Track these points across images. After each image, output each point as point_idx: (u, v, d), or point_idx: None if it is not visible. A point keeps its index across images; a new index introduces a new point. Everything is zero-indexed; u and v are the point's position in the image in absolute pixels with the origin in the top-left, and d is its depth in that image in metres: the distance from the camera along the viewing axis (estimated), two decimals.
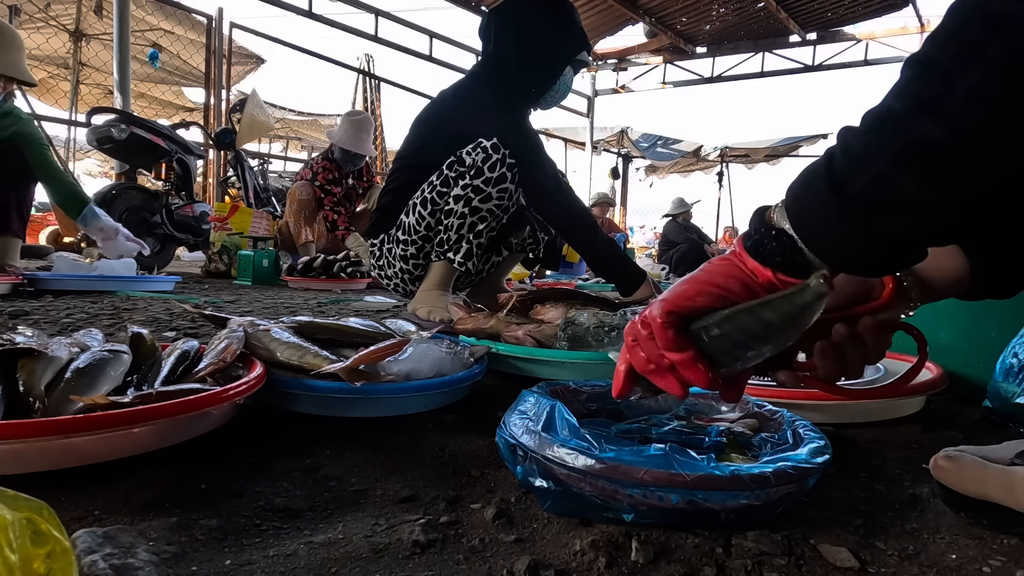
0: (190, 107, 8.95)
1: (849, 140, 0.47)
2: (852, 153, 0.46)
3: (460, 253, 1.65)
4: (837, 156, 0.47)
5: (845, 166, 0.46)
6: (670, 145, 10.84)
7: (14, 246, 2.59)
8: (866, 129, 0.46)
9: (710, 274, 0.54)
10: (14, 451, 0.60)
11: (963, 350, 1.09)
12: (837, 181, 0.46)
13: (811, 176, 0.49)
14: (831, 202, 0.46)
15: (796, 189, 0.50)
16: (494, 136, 1.60)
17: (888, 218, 0.45)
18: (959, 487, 0.62)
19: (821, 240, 0.49)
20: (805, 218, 0.49)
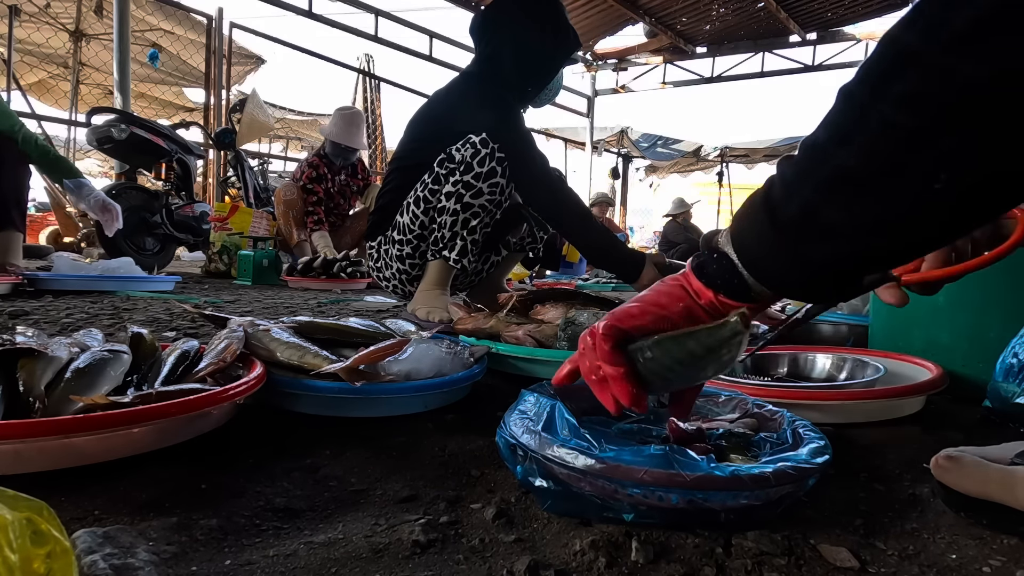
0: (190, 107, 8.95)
1: (784, 169, 0.49)
2: (785, 180, 0.48)
3: (455, 251, 1.65)
4: (775, 184, 0.49)
5: (779, 193, 0.48)
6: (670, 145, 10.84)
7: (16, 242, 2.56)
8: (799, 158, 0.47)
9: (656, 294, 0.57)
10: (14, 451, 0.60)
11: (963, 350, 1.09)
12: (772, 207, 0.48)
13: (751, 203, 0.51)
14: (766, 227, 0.49)
15: (739, 215, 0.53)
16: (483, 132, 1.60)
17: (814, 243, 0.47)
18: (960, 486, 0.62)
19: (758, 264, 0.51)
20: (744, 241, 0.52)
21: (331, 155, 3.87)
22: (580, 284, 3.88)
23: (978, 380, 1.06)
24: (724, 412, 0.84)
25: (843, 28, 7.64)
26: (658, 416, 0.87)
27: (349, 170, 4.00)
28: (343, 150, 3.85)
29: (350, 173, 4.01)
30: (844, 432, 0.89)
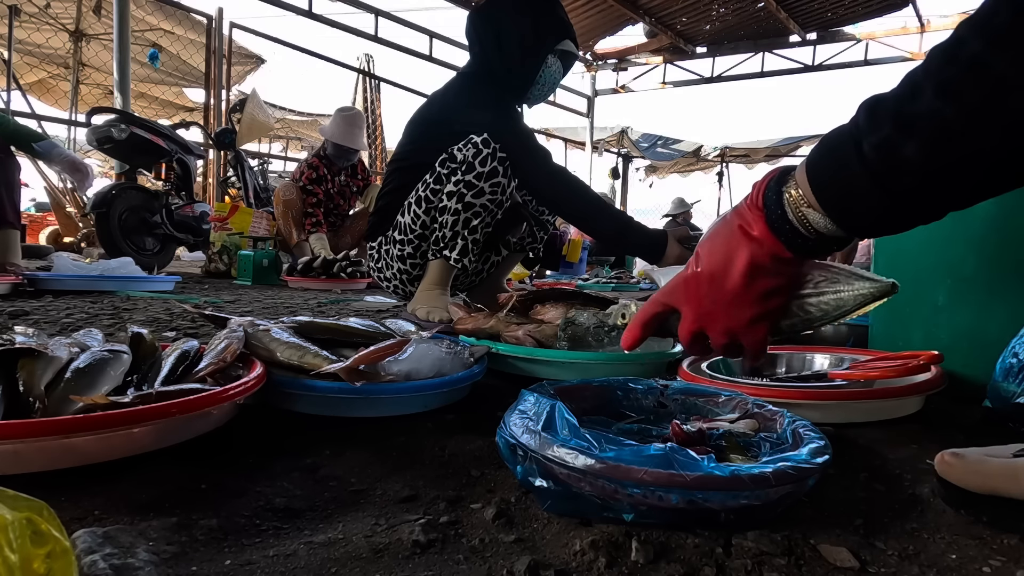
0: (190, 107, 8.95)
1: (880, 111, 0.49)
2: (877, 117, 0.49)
3: (456, 250, 1.65)
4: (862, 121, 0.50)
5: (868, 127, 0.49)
6: (670, 145, 10.84)
7: (14, 240, 2.55)
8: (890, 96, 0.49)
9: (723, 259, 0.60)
10: (14, 451, 0.60)
11: (963, 350, 1.09)
12: (858, 140, 0.49)
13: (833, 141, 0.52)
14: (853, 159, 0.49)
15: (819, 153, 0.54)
16: (484, 131, 1.60)
17: (900, 175, 0.48)
18: (963, 482, 0.62)
19: (844, 203, 0.52)
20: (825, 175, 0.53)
21: (332, 156, 3.87)
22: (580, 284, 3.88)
23: (978, 380, 1.06)
24: (724, 412, 0.84)
25: (843, 28, 7.64)
26: (658, 416, 0.87)
27: (349, 170, 4.00)
28: (344, 151, 3.85)
29: (350, 174, 4.01)
30: (844, 432, 0.89)
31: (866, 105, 0.50)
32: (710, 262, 0.60)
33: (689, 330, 0.63)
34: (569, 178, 1.69)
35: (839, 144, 0.51)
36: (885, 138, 0.47)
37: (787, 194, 0.55)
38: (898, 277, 1.24)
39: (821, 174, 0.53)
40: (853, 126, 0.50)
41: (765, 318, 0.60)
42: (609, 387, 0.89)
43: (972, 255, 1.07)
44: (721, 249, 0.59)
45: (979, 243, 1.06)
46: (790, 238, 0.56)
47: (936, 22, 7.19)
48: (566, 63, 1.85)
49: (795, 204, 0.54)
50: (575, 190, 1.66)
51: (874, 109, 0.49)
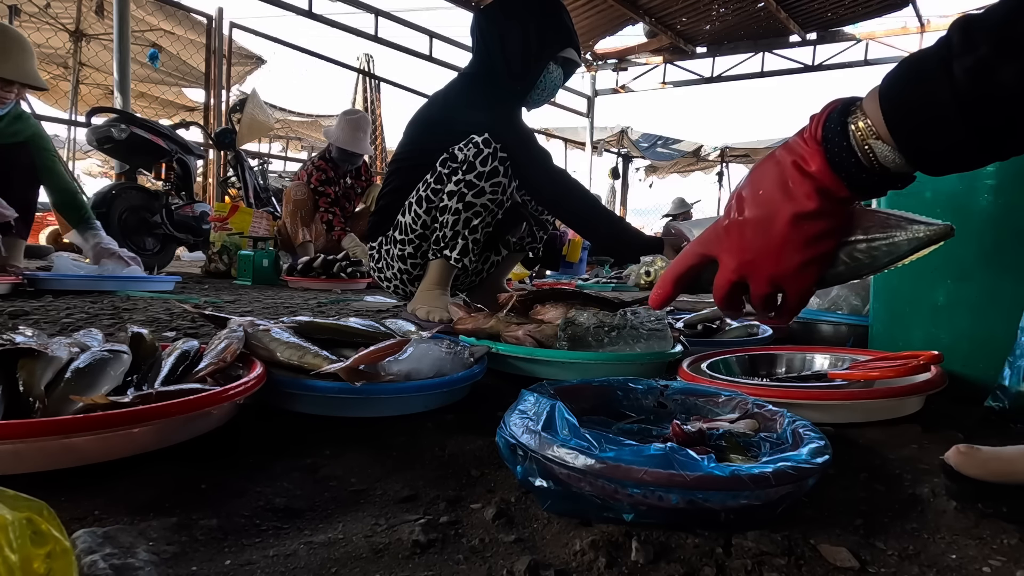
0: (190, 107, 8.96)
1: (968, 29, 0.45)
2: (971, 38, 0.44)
3: (456, 250, 1.65)
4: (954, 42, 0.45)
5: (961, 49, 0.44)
6: (670, 145, 10.84)
7: (18, 247, 2.59)
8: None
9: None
10: (14, 451, 0.60)
11: (963, 350, 1.09)
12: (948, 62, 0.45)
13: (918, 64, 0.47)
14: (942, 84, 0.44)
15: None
16: (485, 131, 1.60)
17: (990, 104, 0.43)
18: (981, 472, 0.61)
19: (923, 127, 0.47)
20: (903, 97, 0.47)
21: (337, 160, 3.86)
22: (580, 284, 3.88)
23: (978, 380, 1.06)
24: (724, 412, 0.84)
25: (843, 28, 7.64)
26: (658, 416, 0.87)
27: (353, 173, 3.99)
28: (349, 155, 3.84)
29: (354, 176, 4.00)
30: (844, 432, 0.89)
31: (959, 24, 0.45)
32: (756, 203, 0.55)
33: (728, 280, 0.58)
34: (568, 180, 1.70)
35: (923, 67, 0.46)
36: (981, 59, 0.42)
37: (853, 125, 0.50)
38: (898, 277, 1.25)
39: (898, 100, 0.47)
40: (942, 47, 0.45)
41: (815, 263, 0.55)
42: (609, 387, 0.89)
43: (972, 255, 1.07)
44: (771, 188, 0.54)
45: (979, 243, 1.06)
46: (852, 174, 0.50)
47: (936, 22, 7.19)
48: (567, 70, 1.86)
49: (863, 136, 0.49)
50: (574, 192, 1.67)
51: (969, 27, 0.44)
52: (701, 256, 0.61)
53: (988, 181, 1.04)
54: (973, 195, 1.05)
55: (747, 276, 0.57)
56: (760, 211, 0.54)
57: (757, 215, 0.55)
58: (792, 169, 0.53)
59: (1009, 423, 0.93)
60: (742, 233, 0.56)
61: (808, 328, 1.59)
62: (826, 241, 0.54)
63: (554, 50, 1.77)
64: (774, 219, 0.54)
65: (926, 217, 0.56)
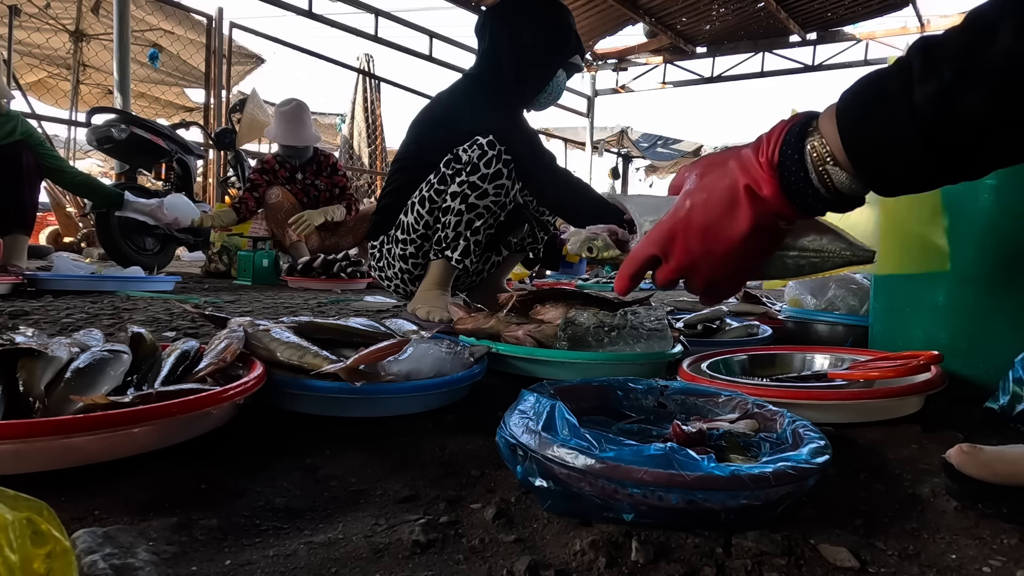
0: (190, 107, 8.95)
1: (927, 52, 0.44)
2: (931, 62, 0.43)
3: (458, 251, 1.65)
4: (912, 65, 0.44)
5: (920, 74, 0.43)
6: (670, 145, 10.84)
7: (21, 244, 2.60)
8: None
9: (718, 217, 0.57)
10: (14, 451, 0.60)
11: (963, 350, 1.09)
12: (907, 87, 0.44)
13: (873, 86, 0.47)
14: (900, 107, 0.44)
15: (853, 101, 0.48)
16: (490, 133, 1.60)
17: (952, 126, 0.42)
18: (984, 473, 0.61)
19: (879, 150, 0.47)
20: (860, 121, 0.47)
21: (284, 156, 3.65)
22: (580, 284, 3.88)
23: (978, 380, 1.06)
24: (724, 412, 0.84)
25: (843, 28, 7.64)
26: (658, 416, 0.87)
27: (314, 168, 3.73)
28: (291, 149, 3.63)
29: (314, 171, 3.74)
30: (844, 432, 0.89)
31: (919, 47, 0.44)
32: (704, 214, 0.56)
33: (668, 278, 0.64)
34: (573, 181, 1.70)
35: (882, 90, 0.45)
36: (944, 87, 0.41)
37: (809, 146, 0.49)
38: (898, 277, 1.25)
39: (856, 122, 0.46)
40: (902, 70, 0.44)
41: (749, 271, 0.61)
42: (609, 387, 0.89)
43: (972, 255, 1.07)
44: (719, 205, 0.55)
45: (979, 243, 1.06)
46: (807, 201, 0.51)
47: (936, 22, 7.19)
48: (570, 72, 1.87)
49: (819, 159, 0.49)
50: (579, 193, 1.67)
51: (930, 52, 0.43)
52: (652, 256, 0.65)
53: (988, 181, 1.04)
54: (973, 195, 1.05)
55: (687, 275, 0.62)
56: (706, 224, 0.57)
57: (703, 226, 0.57)
58: (743, 193, 0.54)
59: (1009, 424, 0.93)
60: (688, 241, 0.59)
61: (806, 328, 1.59)
62: (763, 254, 0.58)
63: (565, 57, 1.79)
64: (719, 235, 0.56)
65: (855, 239, 0.60)
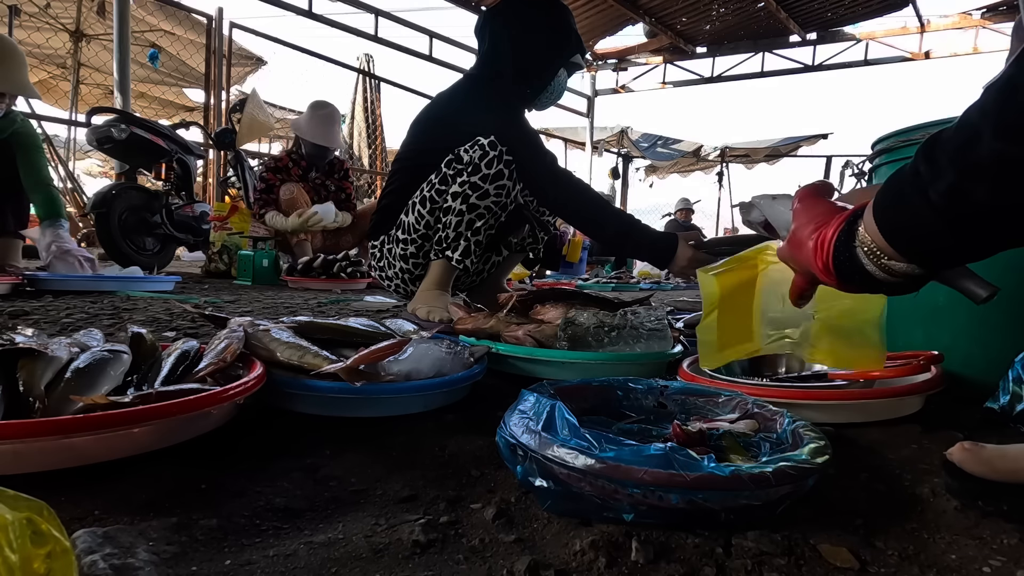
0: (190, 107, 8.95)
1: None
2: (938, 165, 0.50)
3: (458, 251, 1.65)
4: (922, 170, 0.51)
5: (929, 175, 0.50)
6: (670, 145, 10.84)
7: (15, 247, 2.60)
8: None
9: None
10: (14, 451, 0.60)
11: (963, 350, 1.09)
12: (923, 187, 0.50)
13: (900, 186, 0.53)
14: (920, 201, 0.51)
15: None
16: (491, 134, 1.60)
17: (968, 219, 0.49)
18: (987, 468, 0.62)
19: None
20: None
21: (309, 155, 3.71)
22: (580, 284, 3.88)
23: (978, 380, 1.06)
24: (724, 412, 0.84)
25: (843, 28, 7.64)
26: (658, 416, 0.87)
27: (326, 169, 3.83)
28: (320, 149, 3.70)
29: (326, 172, 3.84)
30: (844, 432, 0.89)
31: (923, 152, 0.51)
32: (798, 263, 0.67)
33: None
34: (574, 182, 1.68)
35: (904, 194, 0.52)
36: (951, 185, 0.48)
37: (863, 248, 0.57)
38: None
39: (894, 224, 0.54)
40: (914, 176, 0.51)
41: None
42: (609, 387, 0.89)
43: None
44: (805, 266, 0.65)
45: None
46: (863, 286, 0.59)
47: (936, 22, 7.19)
48: (571, 71, 1.87)
49: (873, 256, 0.56)
50: (580, 194, 1.65)
51: (932, 155, 0.50)
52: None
53: None
54: None
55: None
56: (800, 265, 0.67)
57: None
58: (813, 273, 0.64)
59: (1009, 423, 0.93)
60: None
61: None
62: None
63: (565, 57, 1.79)
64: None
65: None
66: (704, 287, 1.00)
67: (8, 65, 2.27)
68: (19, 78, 2.31)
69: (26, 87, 2.35)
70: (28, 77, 2.39)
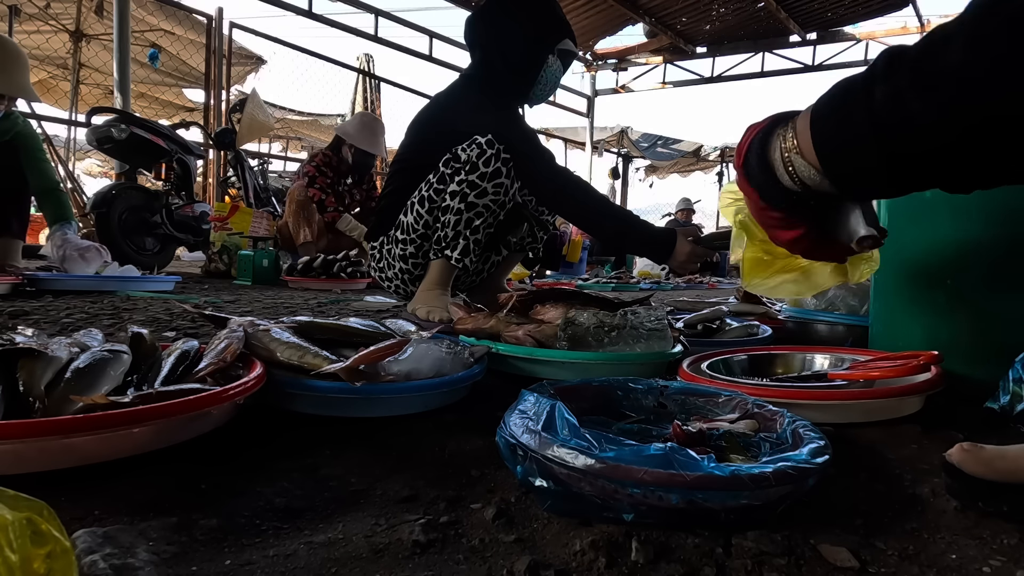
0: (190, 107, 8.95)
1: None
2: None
3: (457, 250, 1.65)
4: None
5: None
6: (670, 145, 10.85)
7: (15, 248, 2.60)
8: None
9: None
10: (14, 451, 0.60)
11: (963, 350, 1.09)
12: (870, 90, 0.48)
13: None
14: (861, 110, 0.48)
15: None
16: (488, 132, 1.60)
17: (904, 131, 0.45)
18: (986, 468, 0.61)
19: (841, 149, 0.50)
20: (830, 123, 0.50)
21: (356, 162, 3.79)
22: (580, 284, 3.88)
23: (978, 380, 1.06)
24: (724, 412, 0.84)
25: (843, 28, 7.64)
26: (658, 416, 0.87)
27: (357, 177, 3.91)
28: (367, 156, 3.78)
29: (356, 181, 3.92)
30: (844, 432, 0.89)
31: (886, 52, 0.47)
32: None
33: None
34: (572, 179, 1.68)
35: (849, 88, 0.48)
36: (897, 88, 0.43)
37: (781, 140, 0.53)
38: (899, 277, 1.25)
39: (823, 124, 0.50)
40: (868, 72, 0.47)
41: (810, 248, 0.68)
42: (609, 387, 0.89)
43: (972, 255, 1.07)
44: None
45: (979, 243, 1.06)
46: (766, 190, 0.55)
47: (936, 22, 7.18)
48: (565, 62, 1.85)
49: (786, 151, 0.52)
50: (578, 191, 1.65)
51: (893, 57, 0.46)
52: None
53: None
54: (973, 195, 1.05)
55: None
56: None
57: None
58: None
59: (1010, 423, 0.93)
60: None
61: (806, 328, 1.59)
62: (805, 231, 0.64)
63: (553, 41, 1.76)
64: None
65: (861, 223, 0.59)
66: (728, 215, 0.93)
67: (10, 68, 2.27)
68: (21, 81, 2.31)
69: (27, 90, 2.36)
70: (29, 79, 2.39)
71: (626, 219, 1.61)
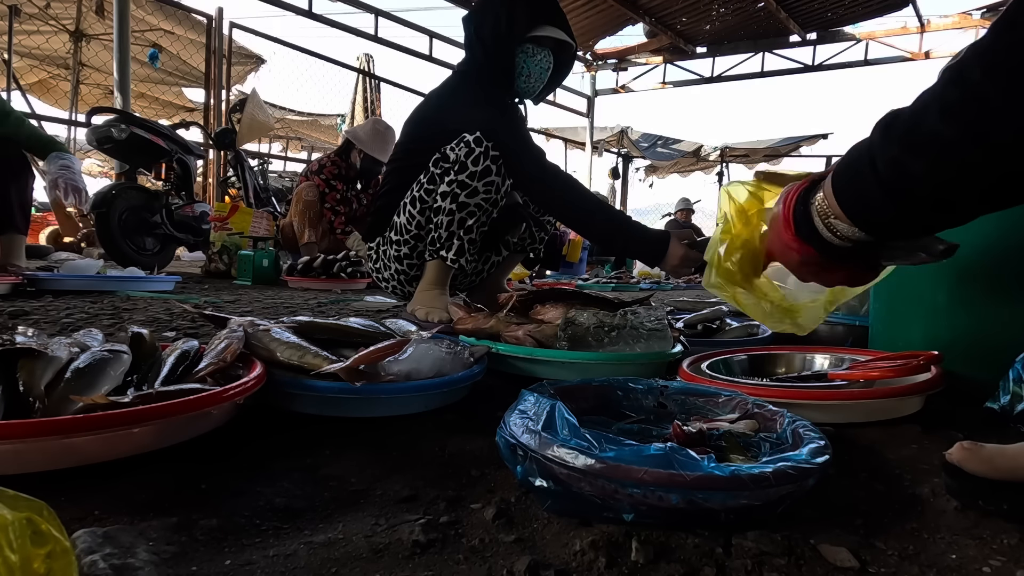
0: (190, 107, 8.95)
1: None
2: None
3: (452, 250, 1.64)
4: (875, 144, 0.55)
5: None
6: (670, 145, 10.85)
7: (19, 244, 2.59)
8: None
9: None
10: (14, 451, 0.60)
11: (963, 350, 1.09)
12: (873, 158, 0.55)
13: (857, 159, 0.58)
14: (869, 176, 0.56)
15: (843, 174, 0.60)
16: (476, 130, 1.58)
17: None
18: (987, 467, 0.62)
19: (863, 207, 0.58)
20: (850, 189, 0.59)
21: (364, 168, 3.78)
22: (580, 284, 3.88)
23: (978, 380, 1.06)
24: (724, 412, 0.84)
25: (843, 28, 7.64)
26: (658, 416, 0.87)
27: (364, 182, 3.90)
28: (376, 164, 3.75)
29: (363, 186, 3.91)
30: (844, 432, 0.89)
31: (880, 125, 0.55)
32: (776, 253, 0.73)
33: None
34: (562, 176, 1.62)
35: (858, 162, 0.56)
36: (894, 157, 0.52)
37: (817, 204, 0.62)
38: (899, 277, 1.25)
39: (843, 188, 0.59)
40: (869, 144, 0.55)
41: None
42: (609, 387, 0.89)
43: (972, 255, 1.07)
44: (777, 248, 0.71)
45: (979, 243, 1.06)
46: (823, 246, 0.63)
47: (936, 22, 7.20)
48: (560, 55, 1.81)
49: (823, 214, 0.61)
50: (569, 189, 1.60)
51: (887, 129, 0.54)
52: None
53: None
54: None
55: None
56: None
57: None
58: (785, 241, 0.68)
59: (1009, 423, 0.93)
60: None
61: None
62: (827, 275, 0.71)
63: (524, 27, 1.71)
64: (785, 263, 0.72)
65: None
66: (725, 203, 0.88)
67: None
68: None
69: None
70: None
71: (618, 220, 1.57)
